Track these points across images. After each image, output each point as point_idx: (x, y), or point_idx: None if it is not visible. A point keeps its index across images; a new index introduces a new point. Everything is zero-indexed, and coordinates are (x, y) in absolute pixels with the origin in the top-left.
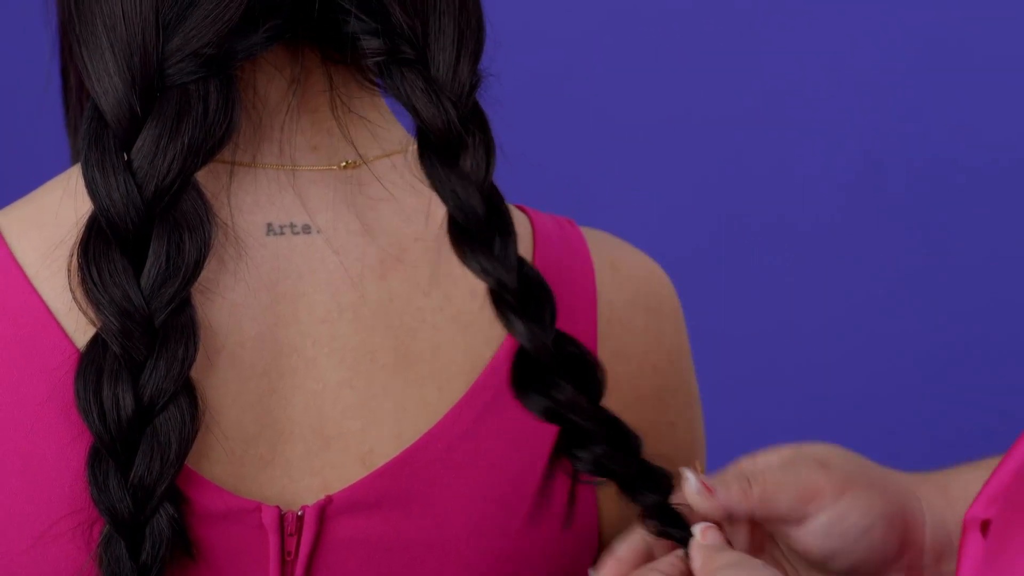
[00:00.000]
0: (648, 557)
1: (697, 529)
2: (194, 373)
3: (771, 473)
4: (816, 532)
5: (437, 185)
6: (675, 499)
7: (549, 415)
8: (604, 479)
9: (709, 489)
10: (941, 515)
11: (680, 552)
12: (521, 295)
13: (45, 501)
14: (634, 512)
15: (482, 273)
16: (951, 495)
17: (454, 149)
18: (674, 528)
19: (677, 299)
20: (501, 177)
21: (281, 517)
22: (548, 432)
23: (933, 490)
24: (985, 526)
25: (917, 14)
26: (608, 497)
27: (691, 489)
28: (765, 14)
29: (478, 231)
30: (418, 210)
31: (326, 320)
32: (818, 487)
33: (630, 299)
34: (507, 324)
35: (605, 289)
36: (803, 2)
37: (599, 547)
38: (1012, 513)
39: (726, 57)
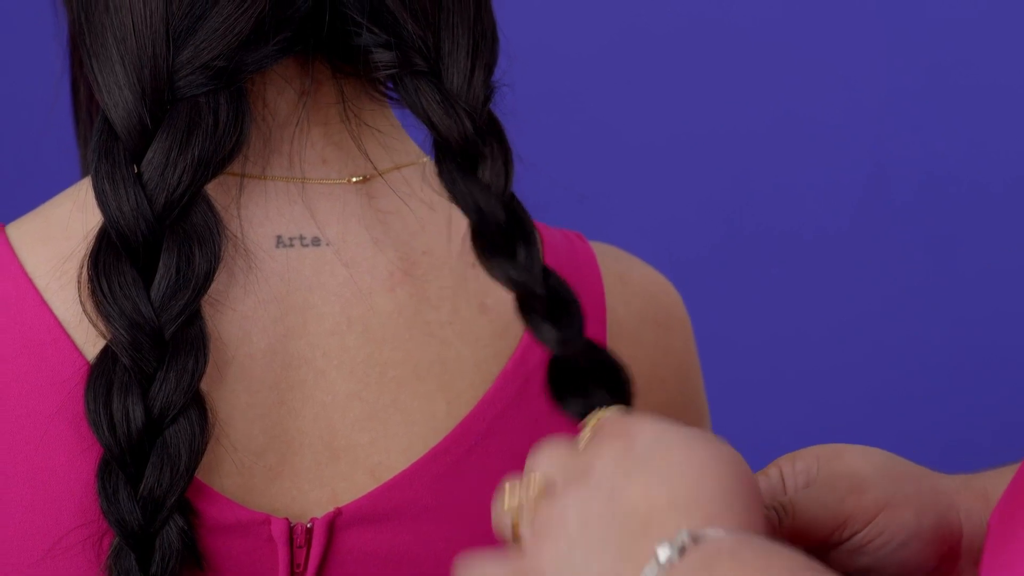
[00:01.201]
0: None
1: None
2: (204, 385)
3: (801, 504)
4: (848, 551)
5: (457, 196)
6: None
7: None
8: None
9: None
10: (980, 520)
11: None
12: (550, 302)
13: (55, 513)
14: None
15: (509, 282)
16: (991, 499)
17: (472, 160)
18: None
19: (686, 313)
20: (516, 190)
21: (290, 529)
22: None
23: (973, 496)
24: None
25: (924, 26)
26: None
27: None
28: (773, 28)
29: (501, 240)
30: (428, 223)
31: (335, 332)
32: (850, 511)
33: (639, 313)
34: (537, 331)
35: (614, 303)
36: (810, 15)
37: None
38: (1014, 509)
39: (734, 71)
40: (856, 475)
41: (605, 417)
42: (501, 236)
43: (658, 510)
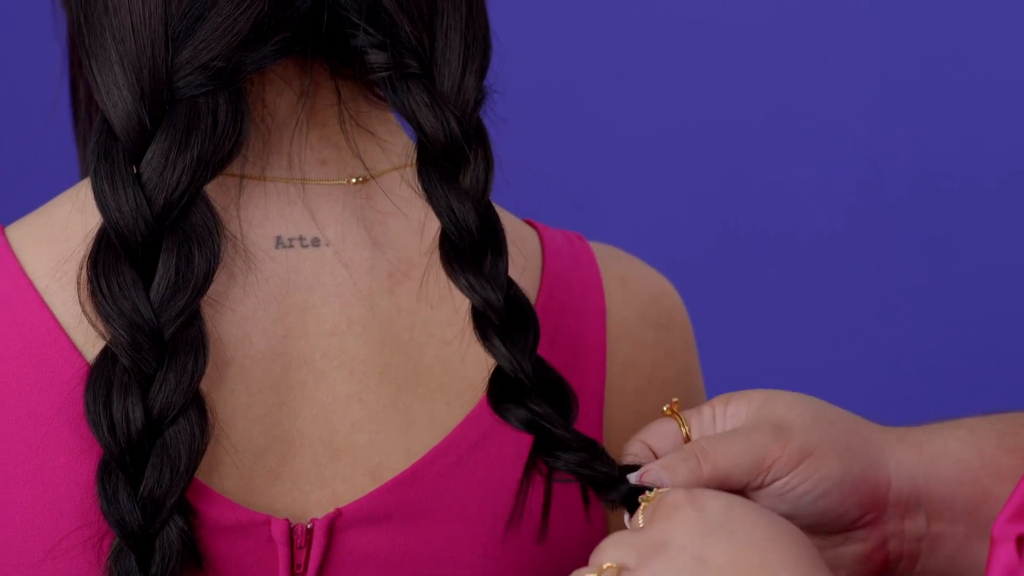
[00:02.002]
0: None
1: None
2: (203, 386)
3: (723, 446)
4: (770, 497)
5: (433, 199)
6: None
7: (528, 425)
8: (575, 479)
9: (657, 485)
10: (911, 473)
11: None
12: (506, 316)
13: (55, 514)
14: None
15: (468, 290)
16: (926, 453)
17: (455, 164)
18: None
19: (687, 314)
20: (510, 191)
21: (291, 530)
22: None
23: (906, 449)
24: (1021, 541)
25: (919, 24)
26: (618, 514)
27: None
28: (768, 27)
29: (470, 248)
30: (427, 224)
31: (335, 333)
32: (772, 457)
33: (639, 314)
34: (487, 346)
35: (614, 304)
36: (805, 14)
37: None
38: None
39: (728, 71)
40: (782, 422)
41: (662, 492)
42: (470, 244)
43: (750, 569)
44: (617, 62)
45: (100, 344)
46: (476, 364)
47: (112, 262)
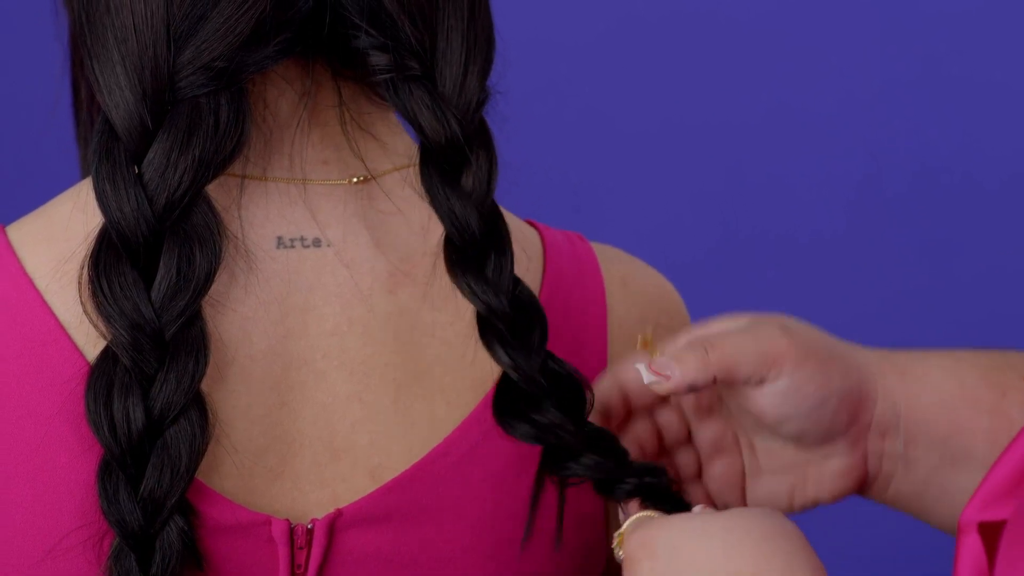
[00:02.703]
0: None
1: (698, 508)
2: (204, 386)
3: (730, 337)
4: (773, 396)
5: (435, 202)
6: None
7: (534, 439)
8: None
9: (664, 375)
10: (893, 396)
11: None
12: (511, 320)
13: (55, 514)
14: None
15: (472, 296)
16: (909, 377)
17: (456, 166)
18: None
19: (687, 315)
20: (510, 191)
21: (291, 530)
22: None
23: (891, 371)
24: (984, 528)
25: (919, 18)
26: (616, 513)
27: (646, 379)
28: (768, 24)
29: (473, 251)
30: (429, 224)
31: (336, 333)
32: (780, 351)
33: (640, 315)
34: (492, 353)
35: (616, 305)
36: (804, 9)
37: (606, 563)
38: None
39: (727, 66)
40: (786, 323)
41: (629, 526)
42: (473, 247)
43: None
44: (615, 58)
45: (101, 344)
46: (477, 364)
47: (113, 262)
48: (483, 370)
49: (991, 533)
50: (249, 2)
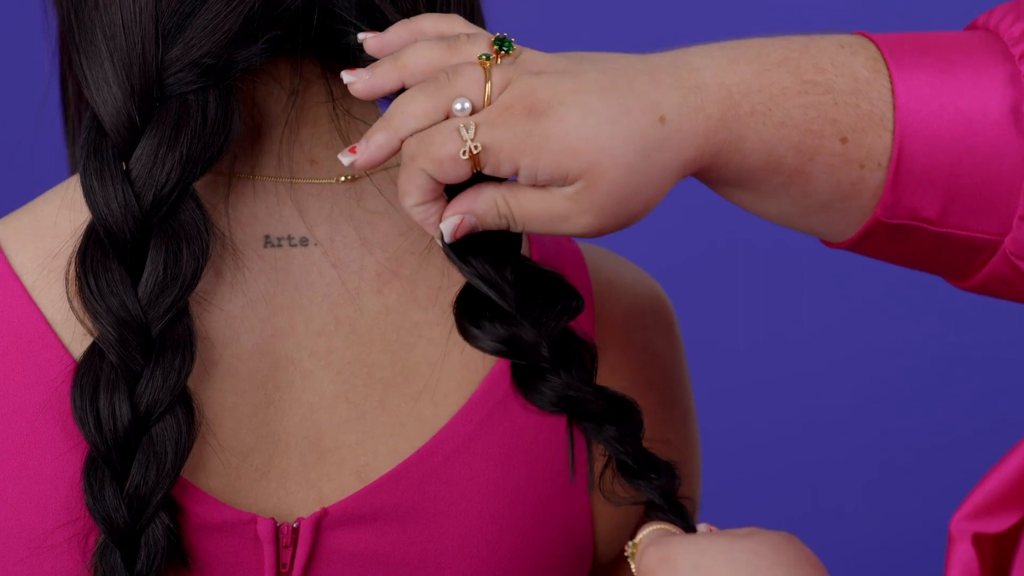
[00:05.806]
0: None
1: (702, 527)
2: (191, 384)
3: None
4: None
5: None
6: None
7: (558, 405)
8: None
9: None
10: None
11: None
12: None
13: (41, 511)
14: (629, 519)
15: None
16: (705, 89)
17: None
18: (678, 520)
19: (674, 315)
20: None
21: (276, 529)
22: (543, 449)
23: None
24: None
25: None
26: (603, 511)
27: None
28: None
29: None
30: (415, 224)
31: (323, 333)
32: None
33: (626, 315)
34: (460, 269)
35: (602, 305)
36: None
37: (594, 561)
38: None
39: None
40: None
41: (642, 541)
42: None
43: None
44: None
45: (87, 340)
46: (464, 364)
47: (100, 259)
48: (470, 370)
49: (984, 543)
50: None
